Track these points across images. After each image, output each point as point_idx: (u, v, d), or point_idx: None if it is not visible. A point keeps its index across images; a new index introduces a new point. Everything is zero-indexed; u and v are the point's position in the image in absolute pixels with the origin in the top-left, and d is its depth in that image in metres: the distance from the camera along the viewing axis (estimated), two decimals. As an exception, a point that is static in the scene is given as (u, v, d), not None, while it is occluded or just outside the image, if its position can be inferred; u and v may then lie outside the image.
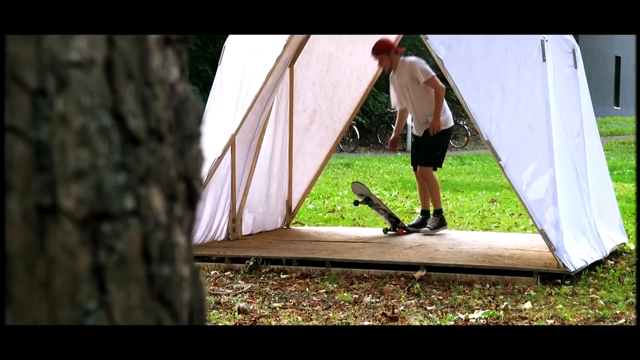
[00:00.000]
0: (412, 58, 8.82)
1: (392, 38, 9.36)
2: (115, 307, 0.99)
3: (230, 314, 5.87)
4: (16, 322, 0.91)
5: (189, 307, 1.12)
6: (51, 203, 0.95)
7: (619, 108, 41.37)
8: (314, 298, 6.40)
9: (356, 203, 9.08)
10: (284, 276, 7.18)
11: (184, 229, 1.15)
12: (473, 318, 5.71)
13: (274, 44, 7.75)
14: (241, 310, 5.91)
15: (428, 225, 8.94)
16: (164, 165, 1.08)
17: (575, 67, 7.71)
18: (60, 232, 0.95)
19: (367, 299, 6.32)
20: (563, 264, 6.71)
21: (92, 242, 0.98)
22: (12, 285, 0.91)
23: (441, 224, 8.97)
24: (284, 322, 5.65)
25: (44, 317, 0.93)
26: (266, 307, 6.11)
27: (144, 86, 1.07)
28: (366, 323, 5.64)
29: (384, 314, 5.80)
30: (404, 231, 8.86)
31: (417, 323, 5.59)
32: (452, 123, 8.96)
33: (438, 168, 9.10)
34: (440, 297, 6.39)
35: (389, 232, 8.85)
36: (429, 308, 6.05)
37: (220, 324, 5.58)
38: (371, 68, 9.48)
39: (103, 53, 1.03)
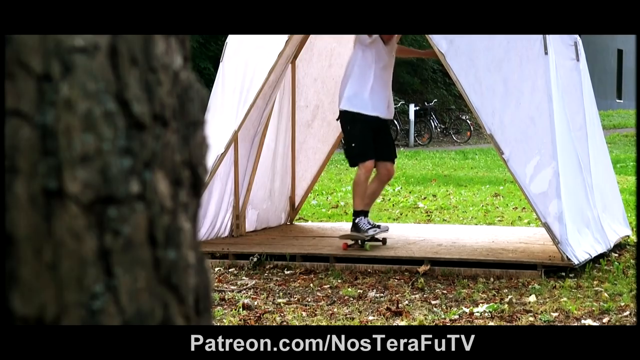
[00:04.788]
0: None
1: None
2: (122, 290, 1.00)
3: (235, 310, 5.87)
4: (24, 304, 0.91)
5: (195, 292, 1.13)
6: (57, 187, 0.95)
7: (621, 101, 41.33)
8: (318, 294, 6.41)
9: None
10: (288, 272, 7.18)
11: (189, 215, 1.15)
12: (477, 312, 5.71)
13: (276, 40, 7.75)
14: (246, 307, 5.92)
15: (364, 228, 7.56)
16: (169, 151, 1.09)
17: (578, 60, 7.70)
18: (66, 216, 0.95)
19: (372, 293, 6.32)
20: (567, 257, 6.70)
21: (98, 226, 0.98)
22: (19, 268, 0.91)
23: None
24: (289, 317, 5.66)
25: (51, 300, 0.93)
26: (270, 303, 6.12)
27: (148, 72, 1.08)
28: (370, 318, 5.64)
29: (388, 309, 5.80)
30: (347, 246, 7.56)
31: (422, 317, 5.59)
32: None
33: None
34: (445, 291, 6.39)
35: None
36: (433, 302, 6.05)
37: (225, 320, 5.59)
38: (373, 63, 9.47)
39: (107, 39, 1.04)
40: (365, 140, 7.47)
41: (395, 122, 24.56)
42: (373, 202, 7.88)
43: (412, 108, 24.68)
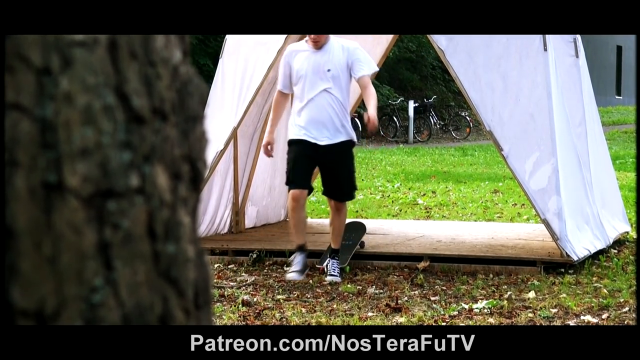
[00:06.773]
0: (351, 41, 6.71)
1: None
2: (122, 284, 1.00)
3: (235, 306, 5.87)
4: (23, 298, 0.92)
5: (194, 286, 1.13)
6: (57, 180, 0.95)
7: (620, 97, 41.33)
8: (317, 290, 6.41)
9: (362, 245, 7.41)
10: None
11: (188, 209, 1.15)
12: (477, 308, 5.71)
13: (275, 37, 7.75)
14: (245, 303, 5.92)
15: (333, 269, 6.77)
16: (168, 145, 1.09)
17: (577, 56, 7.70)
18: (66, 209, 0.95)
19: (371, 290, 6.32)
20: (566, 253, 6.71)
21: (98, 219, 0.99)
22: (19, 261, 0.91)
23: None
24: (288, 314, 5.66)
25: (51, 293, 0.93)
26: (270, 299, 6.12)
27: (148, 66, 1.08)
28: (370, 314, 5.64)
29: (387, 305, 5.80)
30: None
31: (421, 314, 5.60)
32: None
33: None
34: (444, 288, 6.39)
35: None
36: (432, 298, 6.05)
37: (224, 317, 5.59)
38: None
39: (106, 33, 1.04)
40: (295, 167, 6.78)
41: (395, 119, 24.59)
42: (339, 236, 6.91)
43: (411, 104, 24.70)
